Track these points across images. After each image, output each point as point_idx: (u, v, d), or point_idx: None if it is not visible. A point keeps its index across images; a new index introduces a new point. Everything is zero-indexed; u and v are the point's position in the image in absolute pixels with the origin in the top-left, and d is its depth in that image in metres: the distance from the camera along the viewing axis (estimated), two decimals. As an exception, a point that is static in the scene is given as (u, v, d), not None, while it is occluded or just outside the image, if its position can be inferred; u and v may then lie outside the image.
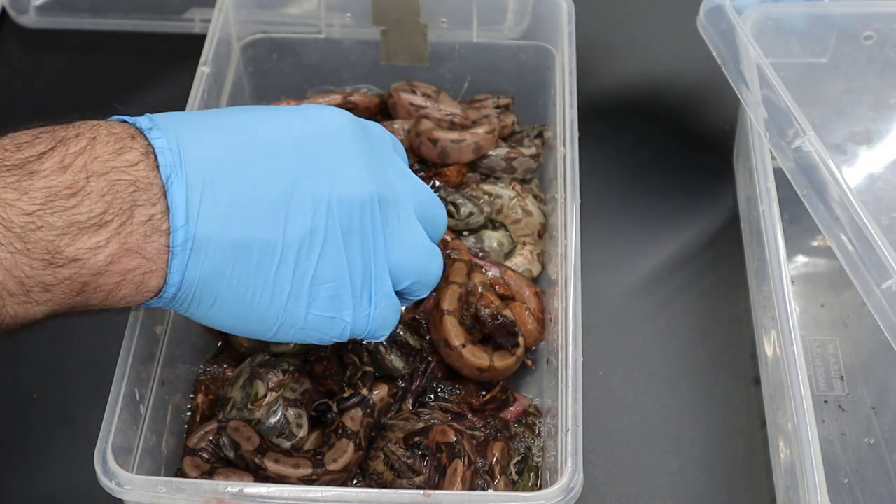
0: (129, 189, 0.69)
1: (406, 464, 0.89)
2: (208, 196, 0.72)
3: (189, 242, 0.71)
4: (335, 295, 0.78)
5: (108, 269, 0.69)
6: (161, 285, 0.72)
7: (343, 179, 0.77)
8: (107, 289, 0.70)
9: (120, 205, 0.69)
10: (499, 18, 1.15)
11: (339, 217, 0.76)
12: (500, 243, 1.07)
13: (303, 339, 0.79)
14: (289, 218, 0.75)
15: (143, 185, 0.70)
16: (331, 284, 0.77)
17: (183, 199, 0.71)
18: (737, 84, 0.99)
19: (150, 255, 0.70)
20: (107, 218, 0.68)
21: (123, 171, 0.70)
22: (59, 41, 1.33)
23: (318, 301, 0.77)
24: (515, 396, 0.96)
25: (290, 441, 0.90)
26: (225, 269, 0.73)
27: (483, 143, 1.08)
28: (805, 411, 0.83)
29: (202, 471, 0.88)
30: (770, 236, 0.95)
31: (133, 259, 0.70)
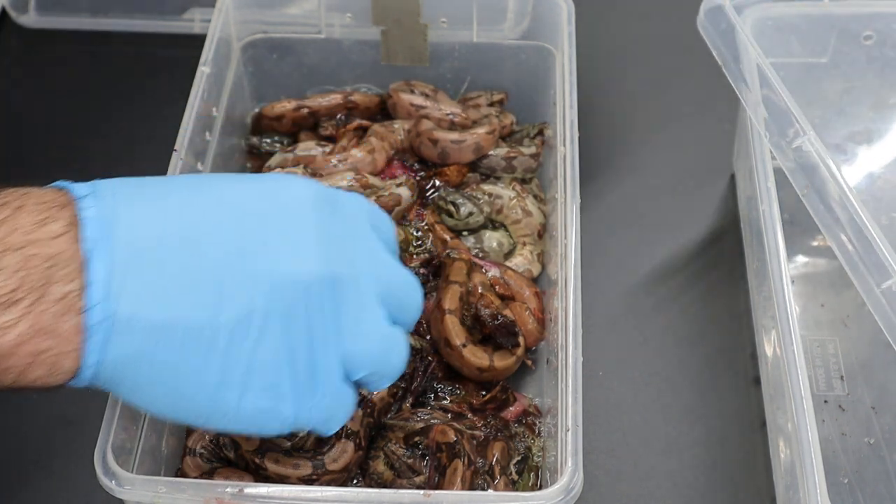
0: (45, 264, 0.64)
1: (406, 464, 0.89)
2: (135, 272, 0.66)
3: (108, 322, 0.65)
4: (272, 385, 0.70)
5: (17, 351, 0.64)
6: (76, 367, 0.66)
7: (288, 257, 0.70)
8: (17, 370, 0.65)
9: (33, 282, 0.64)
10: (499, 18, 1.15)
11: (281, 299, 0.69)
12: (500, 243, 1.07)
13: (238, 430, 0.72)
14: (222, 298, 0.68)
15: (62, 261, 0.65)
16: (267, 374, 0.70)
17: (104, 273, 0.65)
18: (737, 84, 0.99)
19: (63, 335, 0.65)
20: (18, 296, 0.63)
21: (43, 244, 0.65)
22: (59, 41, 1.32)
23: (251, 391, 0.70)
24: (515, 396, 0.96)
25: (291, 441, 0.90)
26: (147, 352, 0.67)
27: (483, 144, 1.08)
28: (805, 411, 0.83)
29: (202, 471, 0.88)
30: (770, 236, 0.95)
31: (45, 340, 0.64)
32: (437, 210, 1.06)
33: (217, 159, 1.05)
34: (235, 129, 1.14)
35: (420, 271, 1.01)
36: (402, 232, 1.05)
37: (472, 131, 1.08)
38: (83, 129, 1.24)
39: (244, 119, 1.17)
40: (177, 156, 0.96)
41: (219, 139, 1.06)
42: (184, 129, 0.99)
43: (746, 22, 1.04)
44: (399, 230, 1.04)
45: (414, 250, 1.05)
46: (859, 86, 1.13)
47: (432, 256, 1.02)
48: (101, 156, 1.20)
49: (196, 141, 1.00)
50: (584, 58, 1.08)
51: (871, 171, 1.13)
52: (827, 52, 1.10)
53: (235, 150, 1.13)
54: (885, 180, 1.11)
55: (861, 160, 1.13)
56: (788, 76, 1.02)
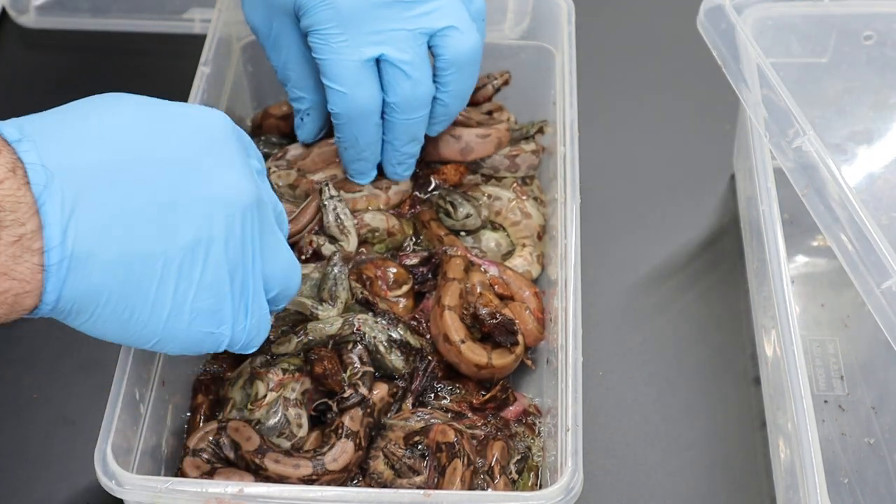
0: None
1: (406, 464, 0.89)
2: (85, 211, 0.68)
3: (66, 261, 0.67)
4: (216, 310, 0.75)
5: None
6: (36, 304, 0.69)
7: (226, 184, 0.74)
8: None
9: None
10: (499, 18, 1.15)
11: (223, 223, 0.73)
12: (498, 244, 1.07)
13: (179, 352, 0.77)
14: (171, 228, 0.71)
15: (10, 205, 0.65)
16: (212, 300, 0.75)
17: (58, 215, 0.67)
18: (737, 84, 0.99)
19: (21, 276, 0.66)
20: None
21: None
22: (59, 41, 1.33)
23: (199, 316, 0.75)
24: (515, 396, 0.96)
25: (290, 441, 0.90)
26: (104, 287, 0.70)
27: (503, 139, 1.08)
28: (805, 411, 0.83)
29: (202, 471, 0.88)
30: (770, 236, 0.95)
31: (3, 281, 0.66)
32: (435, 209, 1.06)
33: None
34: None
35: (420, 270, 1.01)
36: (404, 227, 1.05)
37: (494, 126, 1.08)
38: (83, 129, 1.24)
39: (244, 120, 1.17)
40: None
41: (219, 139, 1.06)
42: (184, 129, 0.99)
43: (746, 22, 1.04)
44: (402, 225, 1.05)
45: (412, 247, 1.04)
46: (859, 86, 1.13)
47: (431, 255, 1.02)
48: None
49: (196, 141, 1.00)
50: (584, 58, 1.08)
51: (871, 171, 1.13)
52: (827, 52, 1.10)
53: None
54: (885, 180, 1.11)
55: (861, 160, 1.13)
56: (788, 76, 1.02)
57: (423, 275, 1.01)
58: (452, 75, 0.97)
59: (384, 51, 0.93)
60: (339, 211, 1.00)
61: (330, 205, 1.00)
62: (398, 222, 1.04)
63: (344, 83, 0.94)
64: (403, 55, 0.94)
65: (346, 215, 1.00)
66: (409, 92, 0.95)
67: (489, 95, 1.13)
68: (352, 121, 0.96)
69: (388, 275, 0.99)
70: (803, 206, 0.90)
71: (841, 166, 0.94)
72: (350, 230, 1.00)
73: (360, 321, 0.93)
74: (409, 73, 0.94)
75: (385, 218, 1.04)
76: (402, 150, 1.01)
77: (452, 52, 0.96)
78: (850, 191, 0.86)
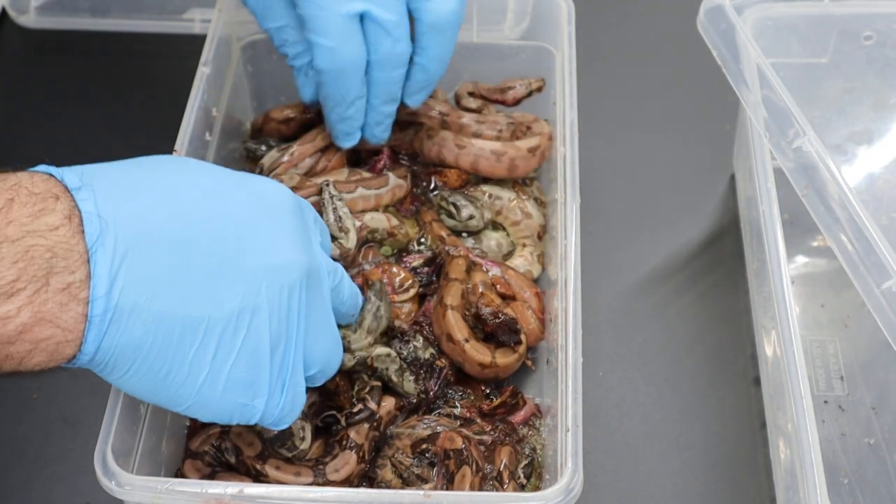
0: (45, 255, 0.65)
1: (414, 473, 0.89)
2: (135, 265, 0.68)
3: (109, 313, 0.67)
4: (252, 382, 0.74)
5: (19, 339, 0.66)
6: (75, 353, 0.69)
7: (278, 256, 0.74)
8: (18, 357, 0.67)
9: (34, 272, 0.65)
10: (499, 18, 1.15)
11: (270, 297, 0.73)
12: (499, 244, 1.07)
13: (210, 419, 0.76)
14: (217, 294, 0.71)
15: (62, 252, 0.66)
16: (250, 371, 0.74)
17: (108, 266, 0.67)
18: (737, 84, 0.99)
19: (65, 325, 0.67)
20: (19, 286, 0.64)
21: (41, 235, 0.66)
22: (59, 41, 1.32)
23: (234, 386, 0.74)
24: (525, 400, 0.96)
25: (292, 452, 0.89)
26: (143, 343, 0.69)
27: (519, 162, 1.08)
28: (805, 411, 0.83)
29: (203, 474, 0.88)
30: (770, 236, 0.95)
31: (47, 328, 0.66)
32: (438, 210, 1.06)
33: (217, 160, 1.05)
34: (235, 129, 1.13)
35: (424, 270, 1.01)
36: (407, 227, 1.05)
37: (514, 144, 1.08)
38: (83, 129, 1.24)
39: (244, 121, 1.17)
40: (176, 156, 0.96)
41: (218, 139, 1.06)
42: (184, 130, 0.99)
43: (746, 22, 1.04)
44: (405, 226, 1.05)
45: (417, 247, 1.04)
46: (859, 86, 1.13)
47: (434, 255, 1.02)
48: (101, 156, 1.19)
49: (196, 141, 1.00)
50: (584, 58, 1.08)
51: (871, 171, 1.13)
52: (827, 52, 1.10)
53: (235, 150, 1.13)
54: (885, 180, 1.11)
55: (861, 160, 1.13)
56: (788, 76, 1.02)
57: (428, 276, 1.01)
58: (432, 39, 0.98)
59: (369, 8, 0.94)
60: (340, 210, 1.00)
61: (330, 205, 1.00)
62: (399, 222, 1.04)
63: (330, 37, 0.94)
64: (387, 14, 0.94)
65: (346, 214, 1.00)
66: (390, 49, 0.96)
67: (520, 97, 1.13)
68: (339, 76, 0.96)
69: (395, 279, 0.99)
70: (803, 206, 0.90)
71: (841, 166, 0.94)
72: (350, 228, 1.00)
73: (372, 359, 0.93)
74: (391, 31, 0.95)
75: (385, 218, 1.04)
76: (380, 109, 1.01)
77: (433, 15, 0.97)
78: (850, 191, 0.86)
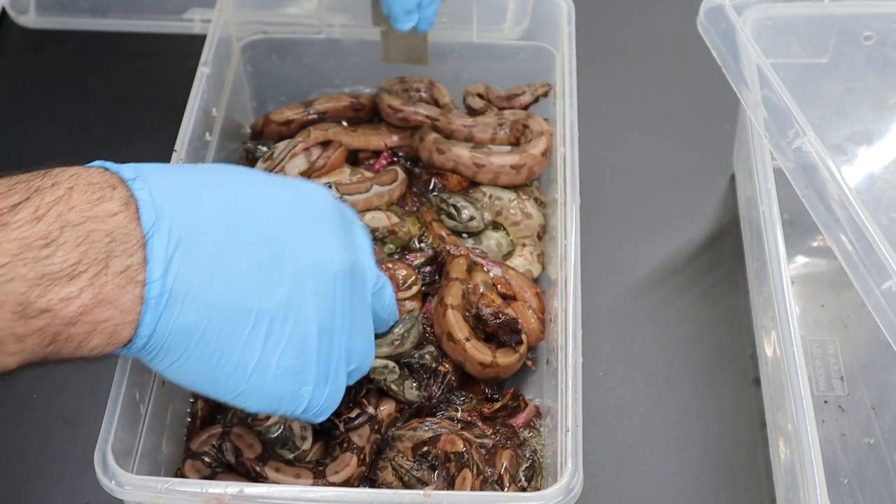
0: (105, 240, 0.68)
1: (415, 476, 0.89)
2: (189, 251, 0.70)
3: (165, 296, 0.70)
4: (301, 370, 0.76)
5: (80, 320, 0.68)
6: (131, 336, 0.70)
7: (324, 252, 0.76)
8: (78, 339, 0.69)
9: (95, 255, 0.67)
10: (499, 18, 1.15)
11: (317, 288, 0.75)
12: (499, 244, 1.07)
13: (260, 408, 0.78)
14: (267, 283, 0.73)
15: (121, 236, 0.68)
16: (298, 359, 0.76)
17: (163, 251, 0.69)
18: (737, 84, 0.99)
19: (123, 307, 0.69)
20: (80, 268, 0.67)
21: (101, 221, 0.68)
22: (59, 41, 1.32)
23: (284, 373, 0.76)
24: (526, 402, 0.96)
25: (294, 453, 0.89)
26: (197, 327, 0.71)
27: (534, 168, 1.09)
28: (805, 411, 0.83)
29: (202, 475, 0.88)
30: (770, 236, 0.95)
31: (106, 310, 0.68)
32: (437, 211, 1.06)
33: (217, 160, 1.05)
34: (235, 129, 1.13)
35: (426, 269, 1.01)
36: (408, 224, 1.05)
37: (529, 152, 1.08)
38: (83, 129, 1.24)
39: (244, 121, 1.17)
40: (177, 156, 0.96)
41: (218, 140, 1.06)
42: (184, 130, 0.99)
43: (746, 22, 1.04)
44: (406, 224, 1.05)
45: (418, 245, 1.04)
46: (859, 86, 1.13)
47: (436, 254, 1.02)
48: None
49: (196, 141, 1.00)
50: (584, 58, 1.08)
51: (871, 171, 1.13)
52: (827, 52, 1.10)
53: (236, 151, 1.13)
54: (885, 180, 1.11)
55: (861, 160, 1.13)
56: (788, 76, 1.02)
57: (430, 275, 1.01)
58: None
59: None
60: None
61: None
62: (400, 219, 1.04)
63: None
64: None
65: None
66: None
67: (527, 104, 1.13)
68: None
69: (398, 276, 0.99)
70: (803, 207, 0.90)
71: (841, 166, 0.94)
72: None
73: (371, 370, 0.92)
74: None
75: (386, 216, 1.04)
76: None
77: None
78: (850, 191, 0.86)
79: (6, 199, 0.67)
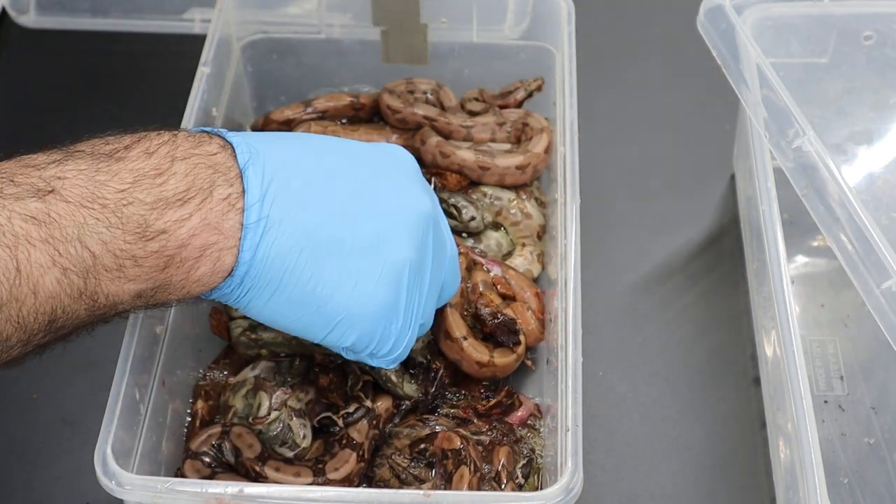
0: (208, 171, 0.74)
1: (412, 474, 0.89)
2: (282, 184, 0.76)
3: (262, 221, 0.75)
4: (394, 304, 0.80)
5: (190, 242, 0.73)
6: (234, 263, 0.75)
7: (413, 195, 0.82)
8: (188, 264, 0.73)
9: (201, 184, 0.74)
10: (499, 18, 1.15)
11: (407, 229, 0.80)
12: (499, 244, 1.07)
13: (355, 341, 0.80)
14: (361, 218, 0.78)
15: (222, 169, 0.75)
16: (391, 290, 0.79)
17: (258, 181, 0.75)
18: (737, 84, 0.99)
19: (226, 231, 0.74)
20: (190, 195, 0.73)
21: (204, 157, 0.75)
22: (59, 41, 1.32)
23: (379, 303, 0.79)
24: (521, 401, 0.96)
25: (294, 451, 0.89)
26: (293, 253, 0.76)
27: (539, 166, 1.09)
28: (805, 411, 0.83)
29: (202, 475, 0.88)
30: (770, 236, 0.95)
31: (212, 234, 0.73)
32: (437, 210, 1.06)
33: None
34: (235, 129, 1.13)
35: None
36: None
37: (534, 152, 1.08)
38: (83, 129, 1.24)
39: (244, 121, 1.17)
40: (177, 156, 0.96)
41: (219, 139, 1.06)
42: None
43: (746, 22, 1.03)
44: None
45: None
46: (859, 86, 1.13)
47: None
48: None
49: (196, 141, 1.00)
50: (584, 58, 1.08)
51: (871, 171, 1.13)
52: (827, 52, 1.10)
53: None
54: (885, 180, 1.11)
55: (861, 160, 1.13)
56: (788, 76, 1.02)
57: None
58: None
59: None
60: None
61: None
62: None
63: None
64: None
65: None
66: None
67: (521, 100, 1.13)
68: None
69: None
70: (803, 206, 0.90)
71: (841, 166, 0.94)
72: None
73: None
74: None
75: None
76: None
77: None
78: (850, 191, 0.86)
79: (119, 142, 0.75)
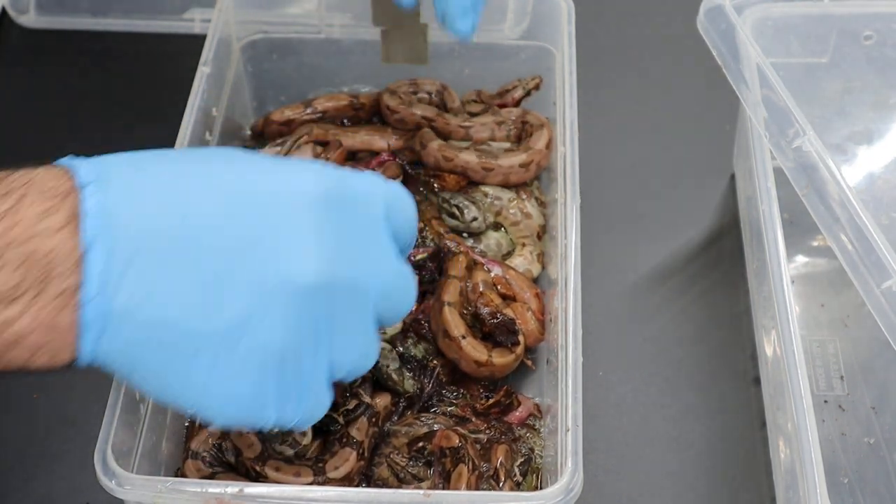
0: (44, 260, 0.64)
1: (410, 473, 0.89)
2: (131, 268, 0.65)
3: (102, 318, 0.65)
4: (257, 395, 0.69)
5: (21, 343, 0.65)
6: (73, 358, 0.67)
7: (289, 261, 0.67)
8: (21, 360, 0.66)
9: (35, 276, 0.64)
10: (499, 18, 1.15)
11: (277, 306, 0.67)
12: (499, 243, 1.07)
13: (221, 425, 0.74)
14: (219, 302, 0.67)
15: (61, 255, 0.64)
16: (252, 386, 0.69)
17: (100, 268, 0.64)
18: (737, 84, 0.99)
19: (61, 330, 0.65)
20: (20, 290, 0.64)
21: (45, 237, 0.64)
22: (59, 41, 1.32)
23: (236, 399, 0.69)
24: (520, 400, 0.96)
25: (294, 449, 0.89)
26: (136, 349, 0.67)
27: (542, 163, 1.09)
28: (805, 411, 0.83)
29: (202, 475, 0.88)
30: (770, 236, 0.95)
31: (45, 334, 0.65)
32: (439, 210, 1.06)
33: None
34: (235, 129, 1.14)
35: (428, 265, 1.01)
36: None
37: (536, 149, 1.08)
38: (83, 129, 1.24)
39: (244, 121, 1.17)
40: (177, 156, 0.96)
41: (219, 140, 1.06)
42: (184, 129, 0.99)
43: (746, 22, 1.04)
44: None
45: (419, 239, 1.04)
46: (859, 86, 1.12)
47: (438, 249, 1.02)
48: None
49: (196, 141, 1.00)
50: (584, 58, 1.08)
51: (871, 171, 1.13)
52: (827, 52, 1.10)
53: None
54: (885, 180, 1.11)
55: (861, 160, 1.13)
56: (788, 76, 1.02)
57: (432, 273, 1.01)
58: None
59: None
60: None
61: None
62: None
63: None
64: None
65: None
66: None
67: (519, 99, 1.13)
68: None
69: None
70: (803, 206, 0.90)
71: (841, 166, 0.94)
72: None
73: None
74: None
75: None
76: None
77: None
78: (850, 191, 0.86)
79: None
